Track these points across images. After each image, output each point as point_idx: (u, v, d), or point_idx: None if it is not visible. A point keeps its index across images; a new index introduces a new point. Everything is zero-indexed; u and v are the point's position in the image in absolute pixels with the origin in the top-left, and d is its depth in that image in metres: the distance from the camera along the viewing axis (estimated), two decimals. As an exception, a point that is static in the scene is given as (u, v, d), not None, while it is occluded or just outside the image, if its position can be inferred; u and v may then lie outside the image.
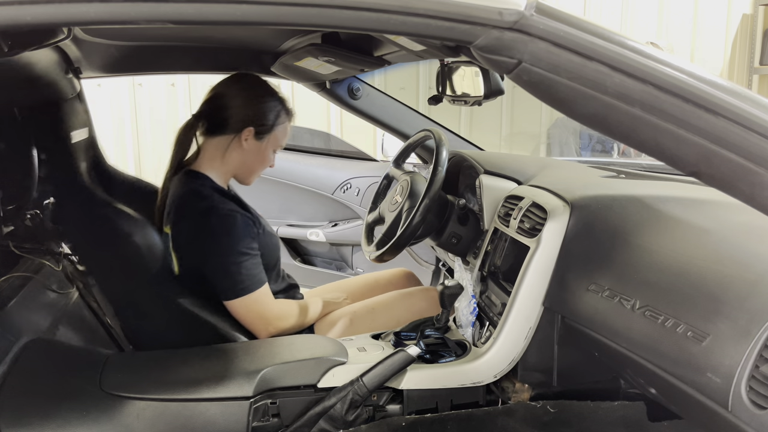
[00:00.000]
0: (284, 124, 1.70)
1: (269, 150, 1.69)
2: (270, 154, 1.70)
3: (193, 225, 1.59)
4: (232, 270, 1.54)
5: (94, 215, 1.69)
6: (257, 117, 1.65)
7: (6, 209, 1.75)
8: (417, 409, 1.38)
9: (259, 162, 1.70)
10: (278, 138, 1.69)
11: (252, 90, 1.68)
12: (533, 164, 1.90)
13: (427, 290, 1.86)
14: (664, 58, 0.84)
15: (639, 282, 1.17)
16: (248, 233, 1.58)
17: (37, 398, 1.26)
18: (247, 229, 1.58)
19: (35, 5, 0.75)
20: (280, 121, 1.68)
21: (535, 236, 1.40)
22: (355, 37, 1.54)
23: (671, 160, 0.87)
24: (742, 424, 0.91)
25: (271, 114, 1.66)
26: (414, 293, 1.82)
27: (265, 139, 1.67)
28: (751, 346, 0.92)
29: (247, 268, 1.55)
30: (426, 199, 1.65)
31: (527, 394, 1.42)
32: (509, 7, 0.81)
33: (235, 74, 1.74)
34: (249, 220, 1.61)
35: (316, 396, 1.34)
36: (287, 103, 1.71)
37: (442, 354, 1.46)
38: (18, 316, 1.54)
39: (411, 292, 1.83)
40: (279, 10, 0.79)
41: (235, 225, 1.56)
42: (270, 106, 1.66)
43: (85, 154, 1.88)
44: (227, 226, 1.56)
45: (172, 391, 1.30)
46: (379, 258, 1.76)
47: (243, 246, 1.55)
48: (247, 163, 1.69)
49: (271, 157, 1.71)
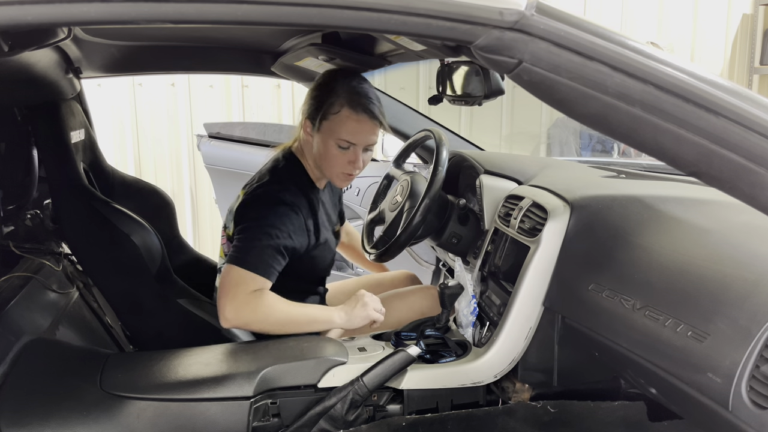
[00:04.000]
0: (340, 113, 1.54)
1: (329, 143, 1.56)
2: (333, 148, 1.56)
3: (250, 198, 1.56)
4: (248, 242, 1.49)
5: (92, 215, 1.69)
6: (309, 104, 1.60)
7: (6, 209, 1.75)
8: (417, 409, 1.38)
9: (323, 156, 1.58)
10: (334, 129, 1.55)
11: (321, 78, 1.62)
12: (533, 164, 1.90)
13: (427, 289, 1.86)
14: (664, 58, 0.84)
15: (639, 282, 1.17)
16: (288, 227, 1.52)
17: (37, 398, 1.26)
18: (290, 224, 1.52)
19: (35, 5, 0.75)
20: (333, 110, 1.54)
21: (535, 236, 1.40)
22: (355, 37, 1.54)
23: (671, 159, 0.87)
24: (742, 424, 0.91)
25: (324, 102, 1.56)
26: (414, 292, 1.82)
27: (320, 130, 1.57)
28: (752, 346, 0.92)
29: (261, 249, 1.47)
30: (426, 199, 1.65)
31: (527, 394, 1.42)
32: (510, 7, 0.81)
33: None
34: (302, 221, 1.56)
35: (316, 396, 1.34)
36: (352, 95, 1.55)
37: (443, 354, 1.46)
38: (18, 316, 1.54)
39: (411, 290, 1.83)
40: (279, 10, 0.78)
41: (278, 212, 1.51)
42: (323, 93, 1.57)
43: (85, 154, 1.89)
44: (272, 209, 1.52)
45: (172, 391, 1.30)
46: (379, 258, 1.76)
47: (274, 231, 1.48)
48: (315, 157, 1.62)
49: (335, 152, 1.56)
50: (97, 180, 1.93)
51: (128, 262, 1.69)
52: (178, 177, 4.23)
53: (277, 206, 1.52)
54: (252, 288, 1.44)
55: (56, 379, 1.34)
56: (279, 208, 1.52)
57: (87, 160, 1.90)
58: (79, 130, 1.84)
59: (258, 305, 1.44)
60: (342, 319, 1.54)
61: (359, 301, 1.57)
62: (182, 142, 4.19)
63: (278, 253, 1.49)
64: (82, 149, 1.86)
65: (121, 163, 4.10)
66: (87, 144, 1.92)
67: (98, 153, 2.02)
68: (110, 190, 1.99)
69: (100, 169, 1.99)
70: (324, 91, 1.57)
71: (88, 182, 1.77)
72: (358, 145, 1.57)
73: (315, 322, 1.53)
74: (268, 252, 1.47)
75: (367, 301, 1.57)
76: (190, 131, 4.15)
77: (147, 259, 1.70)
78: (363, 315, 1.55)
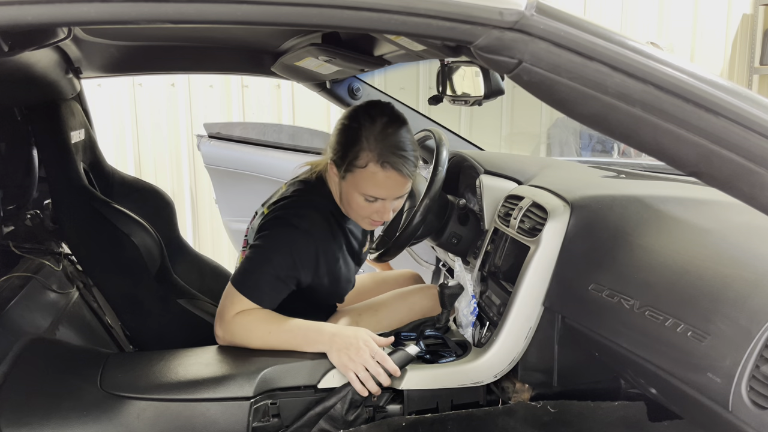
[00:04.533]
0: (367, 169, 1.41)
1: (355, 194, 1.46)
2: (359, 199, 1.46)
3: (270, 218, 1.49)
4: (251, 264, 1.44)
5: (92, 216, 1.69)
6: (334, 148, 1.48)
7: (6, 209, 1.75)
8: (417, 409, 1.38)
9: (348, 203, 1.49)
10: (359, 184, 1.43)
11: (347, 118, 1.49)
12: (533, 164, 1.90)
13: (428, 288, 1.86)
14: (664, 58, 0.84)
15: (639, 282, 1.17)
16: (295, 257, 1.44)
17: (37, 398, 1.26)
18: (298, 254, 1.44)
19: (35, 5, 0.75)
20: (359, 163, 1.42)
21: (535, 236, 1.40)
22: (355, 37, 1.54)
23: (671, 160, 0.87)
24: (742, 424, 0.91)
25: (350, 151, 1.43)
26: (415, 291, 1.82)
27: (345, 179, 1.46)
28: (752, 346, 0.92)
29: (260, 274, 1.42)
30: (426, 199, 1.65)
31: (527, 394, 1.42)
32: (510, 7, 0.81)
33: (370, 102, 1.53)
34: (313, 253, 1.47)
35: (316, 396, 1.34)
36: (381, 148, 1.40)
37: (443, 354, 1.46)
38: (18, 316, 1.55)
39: (412, 290, 1.83)
40: (279, 10, 0.78)
41: (290, 238, 1.44)
42: (349, 140, 1.44)
43: (85, 154, 1.88)
44: (285, 235, 1.44)
45: (172, 391, 1.30)
46: (380, 258, 1.76)
47: (279, 258, 1.43)
48: (339, 197, 1.52)
49: (361, 203, 1.46)
50: (97, 180, 1.93)
51: (128, 262, 1.69)
52: (178, 177, 4.23)
53: (291, 233, 1.45)
54: (239, 310, 1.40)
55: (56, 378, 1.34)
56: (292, 234, 1.45)
57: (87, 160, 1.90)
58: (79, 130, 1.84)
59: (239, 329, 1.40)
60: (327, 350, 1.36)
61: (357, 342, 1.33)
62: (182, 142, 4.19)
63: (279, 281, 1.43)
64: (82, 149, 1.86)
65: (121, 163, 4.10)
66: (87, 144, 1.92)
67: (98, 153, 2.02)
68: (110, 190, 1.99)
69: (100, 169, 1.99)
70: (349, 137, 1.44)
71: (88, 182, 1.77)
72: (387, 199, 1.47)
73: (298, 348, 1.39)
74: (267, 279, 1.42)
75: (361, 345, 1.33)
76: (190, 131, 4.15)
77: (147, 260, 1.70)
78: (350, 362, 1.32)
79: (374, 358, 1.32)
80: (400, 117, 1.49)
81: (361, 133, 1.42)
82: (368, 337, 1.35)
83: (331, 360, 1.34)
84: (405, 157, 1.43)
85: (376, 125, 1.43)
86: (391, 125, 1.45)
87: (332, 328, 1.38)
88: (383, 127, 1.43)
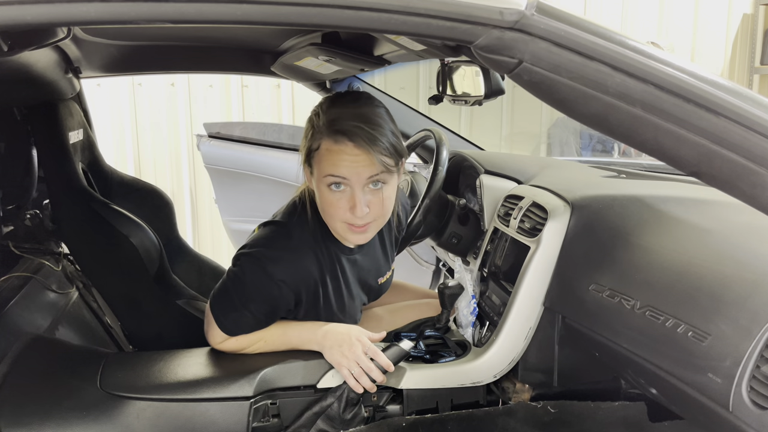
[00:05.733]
0: (323, 147, 1.28)
1: (321, 186, 1.30)
2: (326, 191, 1.29)
3: (246, 250, 1.38)
4: (225, 296, 1.38)
5: (91, 217, 1.69)
6: (302, 150, 1.36)
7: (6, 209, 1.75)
8: (417, 409, 1.38)
9: (322, 206, 1.35)
10: (320, 169, 1.29)
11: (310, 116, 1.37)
12: (534, 164, 1.90)
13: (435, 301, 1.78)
14: (664, 58, 0.84)
15: (640, 282, 1.17)
16: (272, 305, 1.36)
17: (36, 398, 1.26)
18: (274, 302, 1.35)
19: (35, 5, 0.75)
20: (314, 146, 1.30)
21: (535, 236, 1.40)
22: (355, 36, 1.53)
23: (672, 160, 0.87)
24: (742, 425, 0.91)
25: (310, 143, 1.31)
26: (422, 305, 1.77)
27: (313, 174, 1.33)
28: (752, 346, 0.92)
29: (241, 317, 1.36)
30: (426, 199, 1.65)
31: (528, 394, 1.42)
32: (510, 6, 0.81)
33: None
34: (288, 300, 1.36)
35: (316, 396, 1.34)
36: (331, 121, 1.27)
37: (442, 354, 1.46)
38: (17, 316, 1.55)
39: (419, 303, 1.75)
40: (279, 10, 0.78)
41: (258, 284, 1.34)
42: (307, 130, 1.33)
43: (83, 154, 1.88)
44: (254, 277, 1.34)
45: (172, 391, 1.30)
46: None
47: (254, 306, 1.35)
48: (320, 206, 1.37)
49: (329, 197, 1.29)
50: (96, 180, 1.93)
51: (126, 263, 1.69)
52: (177, 177, 4.23)
53: (261, 278, 1.33)
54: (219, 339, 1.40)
55: (56, 379, 1.34)
56: (261, 280, 1.33)
57: (86, 160, 1.90)
58: (78, 130, 1.84)
59: (232, 347, 1.41)
60: (320, 348, 1.36)
61: (349, 338, 1.32)
62: (182, 142, 4.19)
63: (260, 323, 1.38)
64: (81, 149, 1.86)
65: (121, 163, 4.10)
66: (86, 144, 1.92)
67: (97, 153, 2.02)
68: (109, 190, 1.99)
69: (98, 170, 1.99)
70: (307, 129, 1.34)
71: (86, 183, 1.76)
72: (351, 180, 1.27)
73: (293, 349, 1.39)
74: (246, 320, 1.36)
75: (354, 341, 1.32)
76: (189, 131, 4.15)
77: (145, 260, 1.70)
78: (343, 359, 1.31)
79: (367, 354, 1.31)
80: (361, 95, 1.35)
81: (315, 119, 1.31)
82: (360, 333, 1.34)
83: (326, 358, 1.34)
84: (359, 127, 1.25)
85: (330, 106, 1.31)
86: (344, 99, 1.32)
87: (325, 327, 1.37)
88: (334, 102, 1.31)
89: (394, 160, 1.30)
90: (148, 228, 1.75)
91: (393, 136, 1.30)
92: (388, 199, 1.34)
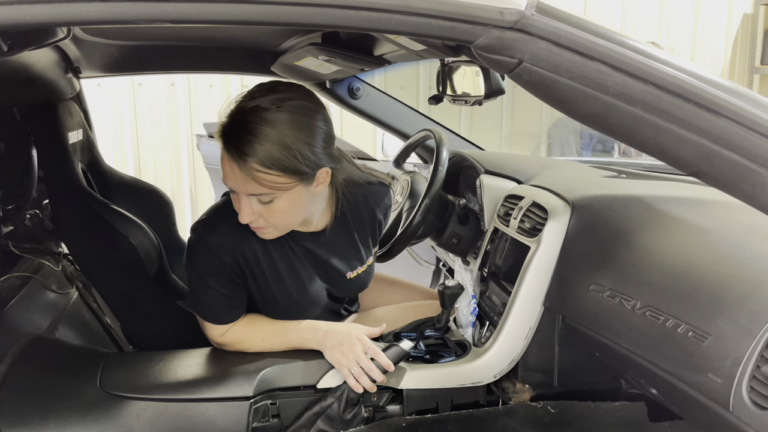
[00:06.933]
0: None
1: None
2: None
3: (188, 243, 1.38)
4: (194, 291, 1.40)
5: (90, 217, 1.69)
6: None
7: (5, 209, 1.75)
8: (417, 409, 1.38)
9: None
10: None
11: None
12: (534, 164, 1.90)
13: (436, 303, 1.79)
14: (665, 58, 0.84)
15: (640, 282, 1.17)
16: (213, 267, 1.33)
17: (37, 398, 1.26)
18: (212, 265, 1.33)
19: (35, 5, 0.75)
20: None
21: (535, 236, 1.40)
22: (355, 36, 1.53)
23: (672, 160, 0.87)
24: (743, 425, 0.91)
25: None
26: (422, 305, 1.78)
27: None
28: (753, 346, 0.92)
29: (211, 301, 1.37)
30: (426, 199, 1.65)
31: (528, 394, 1.42)
32: (510, 6, 0.81)
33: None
34: (227, 262, 1.33)
35: (316, 396, 1.34)
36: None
37: (442, 354, 1.46)
38: (17, 316, 1.54)
39: (419, 303, 1.79)
40: (279, 10, 0.78)
41: (197, 253, 1.34)
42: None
43: (83, 154, 1.88)
44: (194, 249, 1.35)
45: (172, 391, 1.30)
46: (380, 258, 1.76)
47: (209, 278, 1.34)
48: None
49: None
50: (96, 180, 1.93)
51: (126, 263, 1.69)
52: (177, 177, 4.23)
53: (202, 249, 1.33)
54: (212, 330, 1.41)
55: (56, 378, 1.34)
56: (202, 251, 1.34)
57: (85, 160, 1.90)
58: (77, 130, 1.84)
59: (232, 344, 1.42)
60: (321, 347, 1.36)
61: (349, 338, 1.33)
62: (182, 142, 4.19)
63: (229, 298, 1.37)
64: (80, 150, 1.86)
65: (121, 163, 4.10)
66: (85, 144, 1.91)
67: (96, 153, 2.02)
68: (108, 190, 1.99)
69: (98, 170, 1.98)
70: None
71: (86, 183, 1.76)
72: (237, 192, 1.24)
73: (294, 348, 1.40)
74: (216, 301, 1.36)
75: (354, 341, 1.32)
76: (189, 131, 4.15)
77: (145, 261, 1.69)
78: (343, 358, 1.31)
79: (367, 354, 1.31)
80: (290, 86, 1.24)
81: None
82: (360, 332, 1.34)
83: (326, 357, 1.34)
84: (232, 134, 1.18)
85: (247, 95, 1.23)
86: (258, 91, 1.21)
87: (325, 326, 1.37)
88: (251, 93, 1.22)
89: (286, 175, 1.19)
90: (147, 228, 1.75)
91: (281, 149, 1.17)
92: (281, 212, 1.25)
